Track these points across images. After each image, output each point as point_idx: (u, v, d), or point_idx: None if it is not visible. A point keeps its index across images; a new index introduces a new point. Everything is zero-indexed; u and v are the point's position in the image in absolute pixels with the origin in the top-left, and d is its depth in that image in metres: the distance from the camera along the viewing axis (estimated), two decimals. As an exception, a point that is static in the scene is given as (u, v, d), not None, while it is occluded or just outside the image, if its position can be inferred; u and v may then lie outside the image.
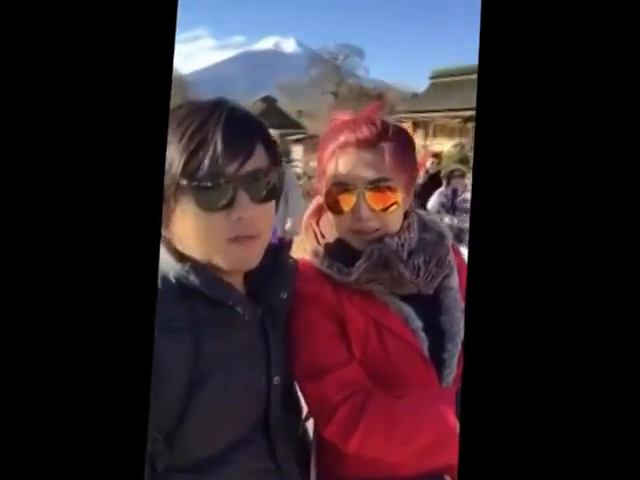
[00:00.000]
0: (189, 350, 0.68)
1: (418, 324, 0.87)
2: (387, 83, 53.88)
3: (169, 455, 0.67)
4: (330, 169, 0.87)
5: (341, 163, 0.84)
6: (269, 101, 33.31)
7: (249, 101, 40.07)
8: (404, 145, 0.87)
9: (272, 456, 0.78)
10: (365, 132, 0.83)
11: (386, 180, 0.84)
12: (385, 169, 0.84)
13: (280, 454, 0.79)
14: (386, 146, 0.84)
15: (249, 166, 0.69)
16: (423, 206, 4.75)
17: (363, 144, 0.83)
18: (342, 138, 0.85)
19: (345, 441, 0.78)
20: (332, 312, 0.85)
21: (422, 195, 4.89)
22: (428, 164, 5.32)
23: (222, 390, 0.71)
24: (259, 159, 0.71)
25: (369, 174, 0.83)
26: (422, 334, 0.87)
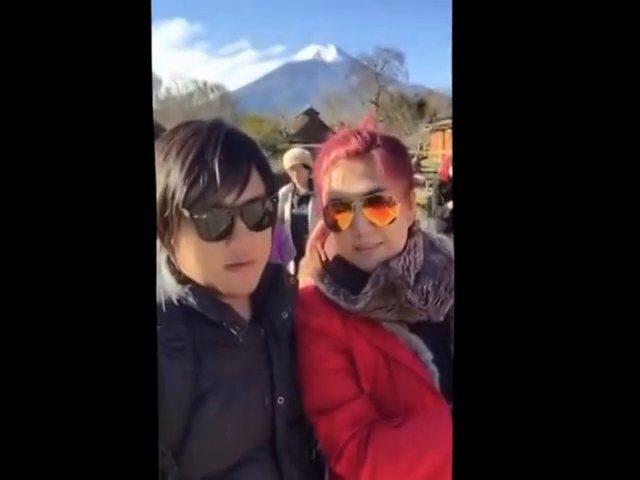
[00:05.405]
0: (190, 369, 0.71)
1: (428, 357, 0.85)
2: (429, 88, 52.96)
3: (178, 470, 0.69)
4: (325, 186, 0.88)
5: (334, 177, 0.85)
6: (311, 114, 33.81)
7: (293, 113, 40.43)
8: (394, 150, 0.87)
9: (279, 477, 0.79)
10: (354, 144, 0.84)
11: (381, 190, 0.83)
12: (378, 178, 0.83)
13: (288, 476, 0.80)
14: (375, 153, 0.84)
15: (246, 195, 0.71)
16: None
17: (353, 155, 0.84)
18: (334, 153, 0.86)
19: (356, 477, 0.78)
20: (340, 345, 0.85)
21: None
22: (450, 171, 4.77)
23: (223, 409, 0.73)
24: (255, 187, 0.73)
25: (362, 186, 0.83)
26: (432, 367, 0.85)
